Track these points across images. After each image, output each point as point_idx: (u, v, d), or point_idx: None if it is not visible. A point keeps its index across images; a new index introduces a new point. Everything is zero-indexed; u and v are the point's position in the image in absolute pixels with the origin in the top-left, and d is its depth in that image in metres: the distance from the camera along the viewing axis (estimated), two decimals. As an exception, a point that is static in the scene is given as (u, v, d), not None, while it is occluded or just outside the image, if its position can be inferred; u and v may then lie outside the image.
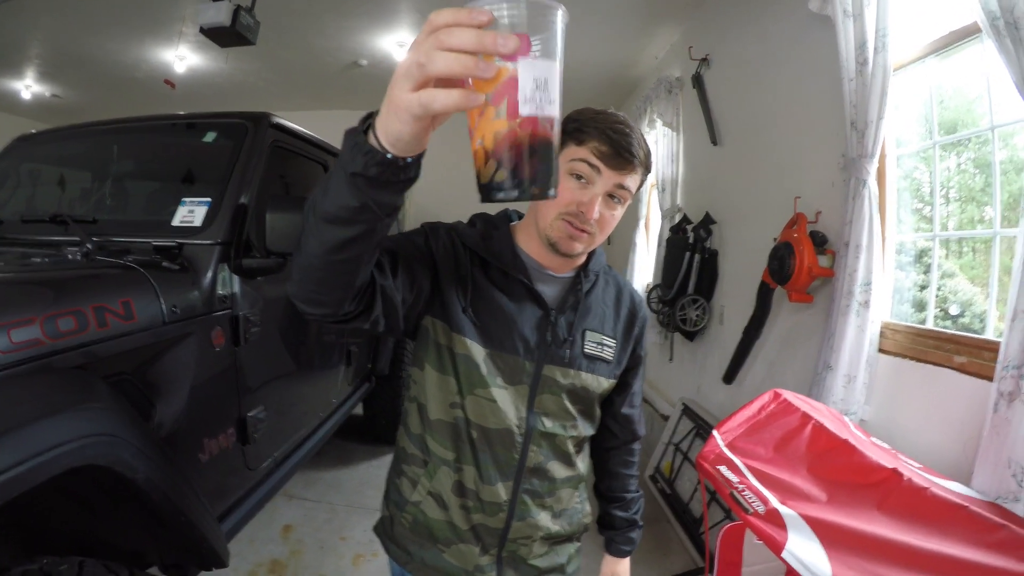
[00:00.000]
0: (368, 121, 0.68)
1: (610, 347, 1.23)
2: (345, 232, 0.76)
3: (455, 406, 1.16)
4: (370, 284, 0.93)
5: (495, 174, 0.62)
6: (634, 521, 1.42)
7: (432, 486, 1.20)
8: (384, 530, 1.31)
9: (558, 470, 1.22)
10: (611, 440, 1.39)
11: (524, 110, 0.60)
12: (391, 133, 0.64)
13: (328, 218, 0.76)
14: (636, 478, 1.44)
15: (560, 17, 0.61)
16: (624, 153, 1.02)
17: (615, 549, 1.42)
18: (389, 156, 0.67)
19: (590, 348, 1.19)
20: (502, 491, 1.17)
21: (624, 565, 1.44)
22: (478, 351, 1.12)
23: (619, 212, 1.09)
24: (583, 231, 1.06)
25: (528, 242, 1.18)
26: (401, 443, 1.29)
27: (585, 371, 1.19)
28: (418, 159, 0.70)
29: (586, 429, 1.25)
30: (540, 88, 0.60)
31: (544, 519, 1.22)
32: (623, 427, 1.37)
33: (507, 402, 1.14)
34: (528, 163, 0.61)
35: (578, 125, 1.04)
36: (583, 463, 1.30)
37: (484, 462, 1.16)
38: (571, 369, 1.17)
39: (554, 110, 0.62)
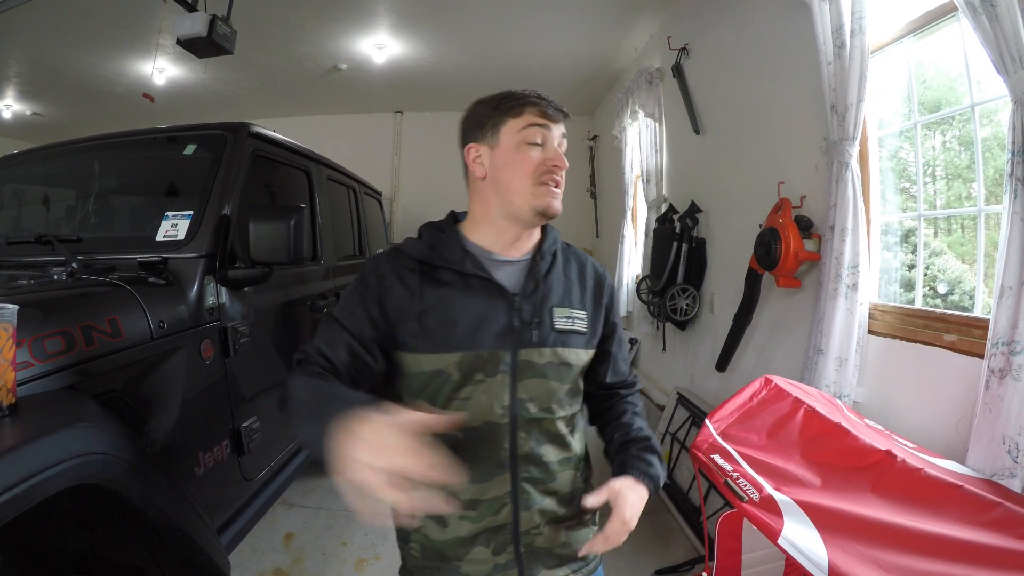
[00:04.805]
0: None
1: (581, 319, 1.23)
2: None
3: None
4: None
5: None
6: (644, 440, 1.26)
7: None
8: (405, 571, 1.28)
9: (552, 453, 1.20)
10: (606, 401, 1.37)
11: None
12: None
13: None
14: (643, 419, 1.33)
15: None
16: (557, 107, 1.17)
17: (622, 467, 1.21)
18: None
19: (560, 324, 1.19)
20: (500, 485, 1.16)
21: (638, 492, 1.15)
22: (447, 360, 1.13)
23: None
24: (559, 185, 1.17)
25: (479, 234, 1.22)
26: None
27: (561, 347, 1.19)
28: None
29: (574, 406, 1.25)
30: None
31: (550, 504, 1.20)
32: (614, 389, 1.36)
33: (488, 395, 1.14)
34: None
35: (509, 103, 1.17)
36: (579, 442, 1.27)
37: (474, 460, 1.13)
38: (546, 348, 1.17)
39: None
